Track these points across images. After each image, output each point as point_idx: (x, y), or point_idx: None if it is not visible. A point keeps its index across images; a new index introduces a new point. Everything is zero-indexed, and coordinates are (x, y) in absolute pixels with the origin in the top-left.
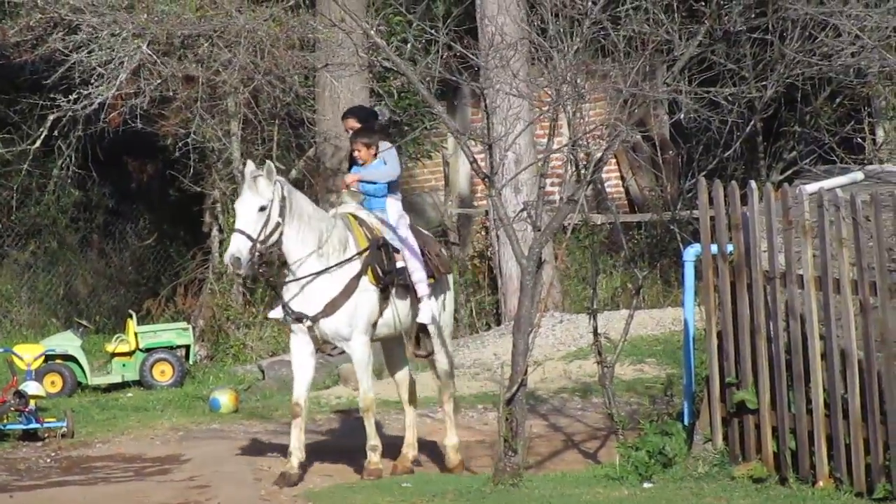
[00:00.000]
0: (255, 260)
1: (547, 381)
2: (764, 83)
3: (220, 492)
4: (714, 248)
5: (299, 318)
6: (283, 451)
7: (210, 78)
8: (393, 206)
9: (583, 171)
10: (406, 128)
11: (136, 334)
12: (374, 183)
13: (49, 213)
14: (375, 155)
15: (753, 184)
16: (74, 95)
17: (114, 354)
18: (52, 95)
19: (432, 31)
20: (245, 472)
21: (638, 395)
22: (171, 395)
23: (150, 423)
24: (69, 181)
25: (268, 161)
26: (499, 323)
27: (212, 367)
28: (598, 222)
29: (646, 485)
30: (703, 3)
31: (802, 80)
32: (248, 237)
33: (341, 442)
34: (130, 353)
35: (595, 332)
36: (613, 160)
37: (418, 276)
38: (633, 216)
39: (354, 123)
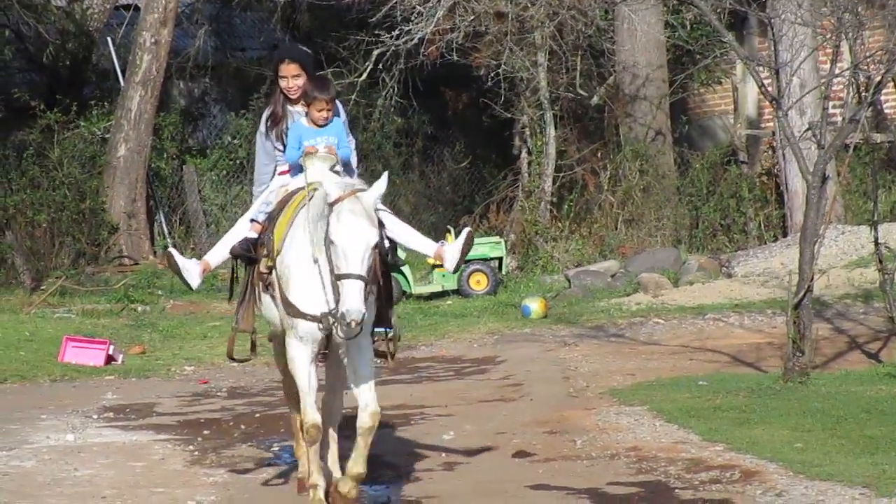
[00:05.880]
0: None
1: (831, 287)
2: None
3: (532, 389)
4: None
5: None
6: (592, 355)
7: (519, 13)
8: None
9: (863, 94)
10: (699, 56)
11: None
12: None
13: (375, 140)
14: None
15: None
16: (397, 32)
17: (434, 266)
18: (376, 32)
19: None
20: (554, 371)
21: None
22: (486, 303)
23: (468, 328)
24: (392, 110)
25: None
26: (785, 234)
27: (522, 277)
28: (878, 141)
29: None
30: None
31: None
32: (365, 281)
33: (641, 344)
34: None
35: (876, 242)
36: (891, 83)
37: (416, 236)
38: None
39: (298, 70)
